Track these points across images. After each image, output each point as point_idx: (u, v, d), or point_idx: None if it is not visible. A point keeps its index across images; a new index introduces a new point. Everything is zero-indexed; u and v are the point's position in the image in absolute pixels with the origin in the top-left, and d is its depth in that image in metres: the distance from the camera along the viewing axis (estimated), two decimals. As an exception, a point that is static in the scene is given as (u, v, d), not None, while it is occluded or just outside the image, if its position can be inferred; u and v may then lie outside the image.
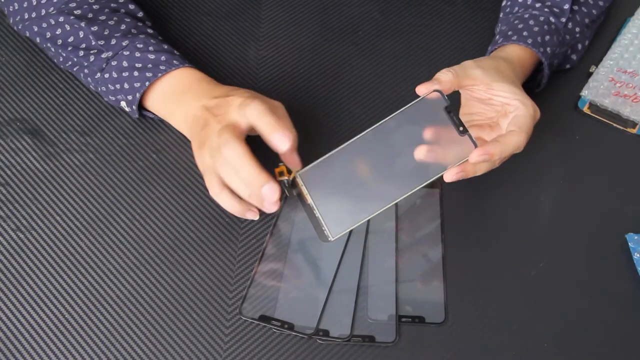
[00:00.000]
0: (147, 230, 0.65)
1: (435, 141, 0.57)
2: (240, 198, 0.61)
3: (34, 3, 0.69)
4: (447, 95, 0.57)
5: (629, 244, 0.65)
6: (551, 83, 0.75)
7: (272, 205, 0.61)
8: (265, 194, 0.58)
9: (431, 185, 0.68)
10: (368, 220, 0.64)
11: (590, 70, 0.76)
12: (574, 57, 0.76)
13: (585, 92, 0.75)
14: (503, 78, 0.61)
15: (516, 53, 0.68)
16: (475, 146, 0.56)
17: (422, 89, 0.57)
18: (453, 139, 0.56)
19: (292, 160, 0.61)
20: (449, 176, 0.57)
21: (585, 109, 0.74)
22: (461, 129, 0.56)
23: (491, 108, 0.63)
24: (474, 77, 0.60)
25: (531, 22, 0.70)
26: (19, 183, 0.67)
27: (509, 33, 0.70)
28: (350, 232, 0.64)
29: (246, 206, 0.62)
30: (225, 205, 0.62)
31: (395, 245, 0.64)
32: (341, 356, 0.59)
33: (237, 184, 0.59)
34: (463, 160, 0.56)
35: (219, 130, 0.59)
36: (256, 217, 0.63)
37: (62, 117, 0.72)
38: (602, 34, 0.80)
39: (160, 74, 0.65)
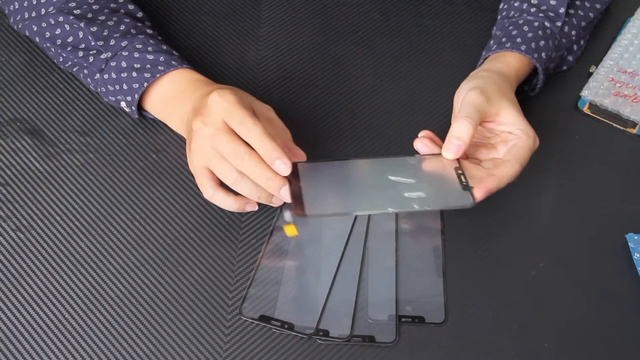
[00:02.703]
0: (147, 230, 0.65)
1: (437, 183, 0.58)
2: (235, 194, 0.61)
3: (34, 2, 0.69)
4: None
5: (629, 244, 0.65)
6: (551, 83, 0.75)
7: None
8: (277, 167, 0.57)
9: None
10: (368, 221, 0.65)
11: (590, 70, 0.76)
12: (570, 58, 0.76)
13: (585, 92, 0.75)
14: (509, 103, 0.61)
15: (512, 65, 0.67)
16: (473, 200, 0.56)
17: (449, 155, 0.58)
18: (454, 186, 0.57)
19: (295, 154, 0.61)
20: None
21: (585, 109, 0.74)
22: (464, 183, 0.57)
23: (488, 131, 0.63)
24: (485, 113, 0.60)
25: (525, 27, 0.70)
26: (19, 183, 0.67)
27: (503, 39, 0.70)
28: (351, 231, 0.64)
29: (243, 199, 0.61)
30: (223, 204, 0.61)
31: (395, 245, 0.64)
32: (341, 356, 0.59)
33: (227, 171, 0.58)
34: (458, 206, 0.57)
35: (206, 129, 0.58)
36: (255, 208, 0.62)
37: (62, 117, 0.72)
38: (602, 34, 0.80)
39: (158, 75, 0.65)
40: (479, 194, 0.57)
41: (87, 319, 0.60)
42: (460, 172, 0.58)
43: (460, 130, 0.58)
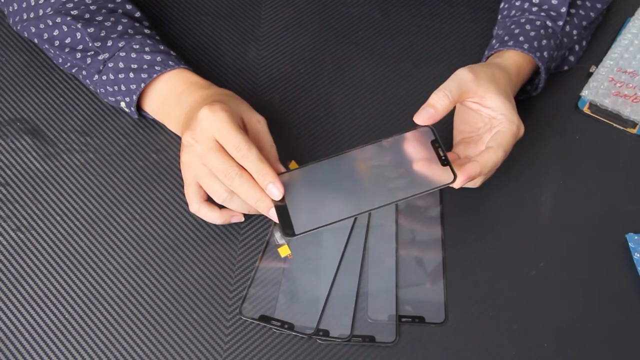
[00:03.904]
0: (147, 230, 0.65)
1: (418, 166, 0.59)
2: (220, 207, 0.61)
3: (32, 3, 0.69)
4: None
5: (629, 244, 0.65)
6: (551, 83, 0.75)
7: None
8: (270, 191, 0.57)
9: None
10: (368, 221, 0.65)
11: (590, 70, 0.76)
12: (571, 58, 0.76)
13: (585, 92, 0.75)
14: (497, 89, 0.61)
15: (513, 60, 0.68)
16: (454, 176, 0.57)
17: (419, 120, 0.59)
18: (434, 165, 0.58)
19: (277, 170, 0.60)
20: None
21: (585, 109, 0.74)
22: (443, 158, 0.58)
23: (480, 118, 0.63)
24: (468, 90, 0.60)
25: (527, 26, 0.70)
26: (19, 183, 0.67)
27: (505, 38, 0.70)
28: (351, 231, 0.64)
29: (228, 213, 0.62)
30: (208, 218, 0.62)
31: (395, 246, 0.64)
32: (341, 356, 0.59)
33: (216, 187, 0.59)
34: (442, 185, 0.57)
35: (197, 146, 0.58)
36: (242, 219, 0.63)
37: (62, 117, 0.72)
38: (602, 34, 0.80)
39: (155, 75, 0.65)
40: (461, 180, 0.57)
41: (87, 319, 0.60)
42: (437, 144, 0.59)
43: (436, 101, 0.59)
